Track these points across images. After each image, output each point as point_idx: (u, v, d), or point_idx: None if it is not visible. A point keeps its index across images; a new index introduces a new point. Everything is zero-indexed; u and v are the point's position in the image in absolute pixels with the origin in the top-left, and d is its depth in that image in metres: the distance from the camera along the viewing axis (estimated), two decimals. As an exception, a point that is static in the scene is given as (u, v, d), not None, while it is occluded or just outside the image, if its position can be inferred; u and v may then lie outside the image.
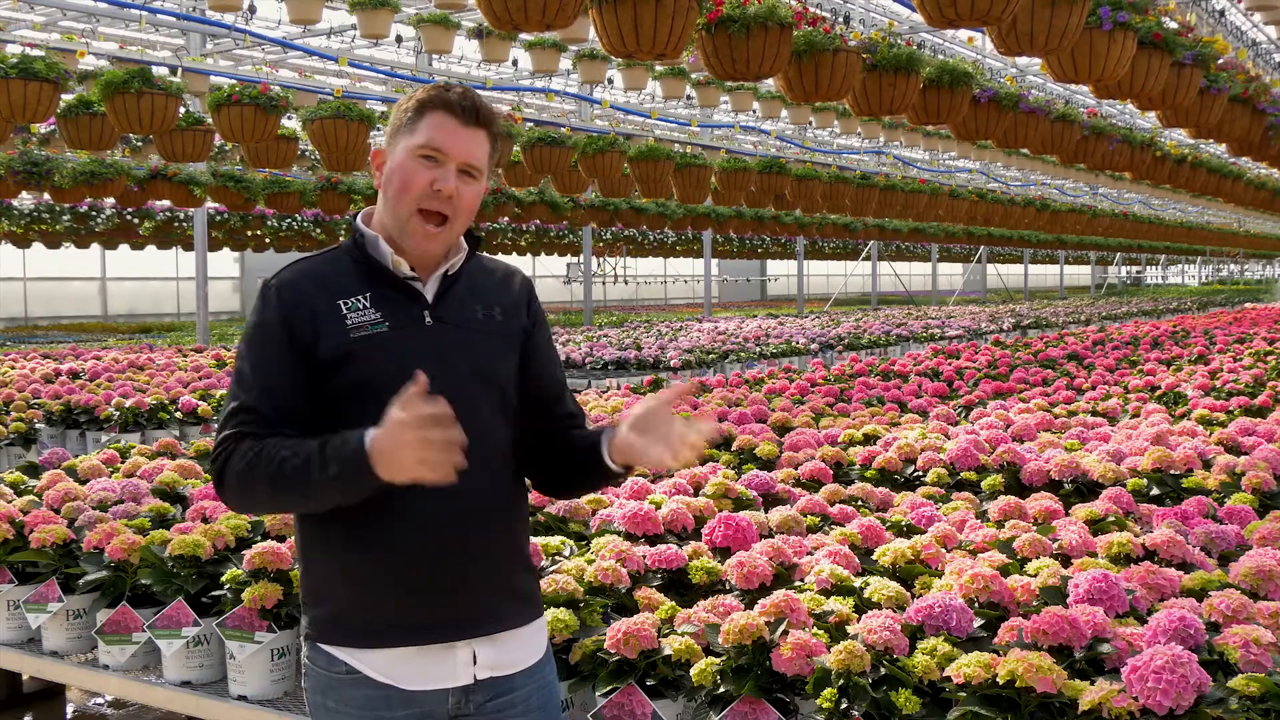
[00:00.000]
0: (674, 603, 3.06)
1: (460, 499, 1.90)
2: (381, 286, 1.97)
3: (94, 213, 17.70)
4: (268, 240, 20.63)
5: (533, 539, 3.49)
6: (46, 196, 14.31)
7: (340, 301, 1.94)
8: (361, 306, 1.94)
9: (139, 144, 12.07)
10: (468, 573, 1.94)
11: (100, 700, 4.75)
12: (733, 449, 5.39)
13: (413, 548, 1.90)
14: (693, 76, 10.12)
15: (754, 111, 11.71)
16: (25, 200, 17.42)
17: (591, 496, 4.03)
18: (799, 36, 5.59)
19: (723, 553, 3.44)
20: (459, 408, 1.85)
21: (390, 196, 1.95)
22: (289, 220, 19.86)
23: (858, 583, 3.09)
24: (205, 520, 3.97)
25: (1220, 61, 7.13)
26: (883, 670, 2.59)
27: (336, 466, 1.76)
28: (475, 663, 1.94)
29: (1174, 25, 6.25)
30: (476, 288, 2.05)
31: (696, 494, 4.16)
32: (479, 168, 1.97)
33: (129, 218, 17.70)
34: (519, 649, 2.02)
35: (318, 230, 20.53)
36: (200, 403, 8.02)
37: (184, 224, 18.52)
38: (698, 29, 5.28)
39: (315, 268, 2.00)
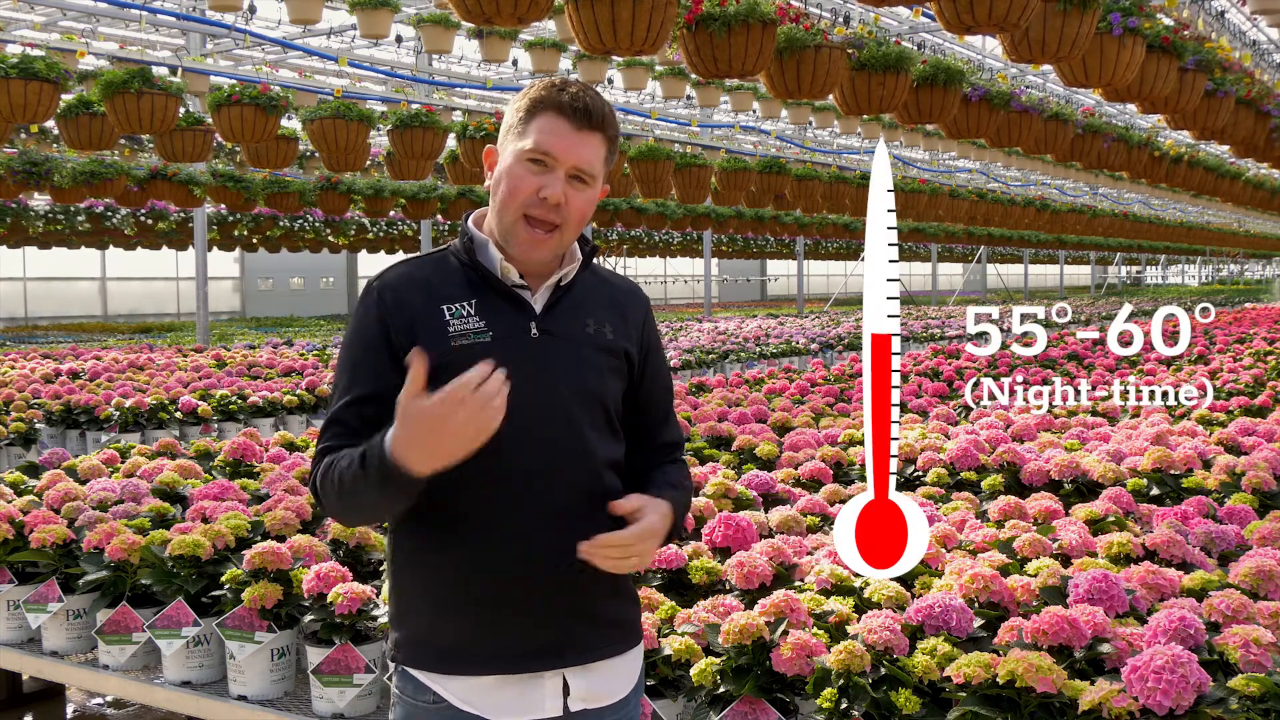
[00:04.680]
0: (674, 603, 3.06)
1: (554, 519, 1.81)
2: (488, 294, 1.86)
3: (109, 213, 17.70)
4: (256, 241, 20.60)
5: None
6: (46, 196, 14.32)
7: (444, 308, 1.84)
8: (465, 314, 1.84)
9: (151, 144, 12.07)
10: (557, 597, 1.82)
11: (100, 700, 4.75)
12: (733, 449, 5.39)
13: (500, 569, 1.80)
14: (692, 76, 10.12)
15: (754, 111, 11.71)
16: (36, 201, 17.44)
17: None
18: (780, 34, 5.54)
19: (723, 553, 3.44)
20: (559, 425, 1.84)
21: (497, 201, 1.86)
22: (299, 220, 19.86)
23: (858, 583, 3.09)
24: (205, 520, 3.96)
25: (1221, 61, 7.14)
26: (883, 670, 2.59)
27: (375, 471, 1.69)
28: (568, 693, 1.84)
29: (1170, 22, 6.26)
30: (589, 301, 1.93)
31: (697, 494, 4.16)
32: (591, 173, 1.85)
33: (142, 218, 17.70)
34: (613, 680, 1.91)
35: (327, 231, 20.54)
36: (200, 403, 8.02)
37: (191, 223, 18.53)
38: (678, 27, 5.20)
39: (420, 270, 1.89)
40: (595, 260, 1.99)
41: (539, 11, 4.78)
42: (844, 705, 2.51)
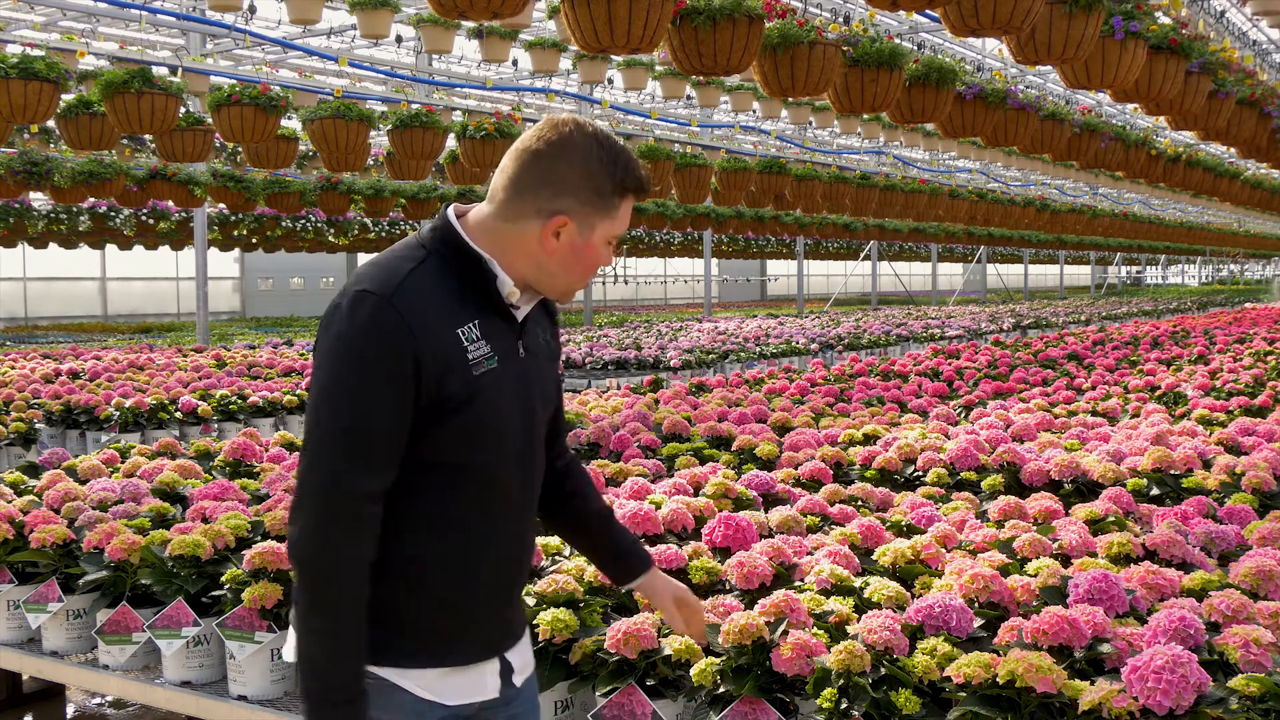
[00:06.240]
0: (674, 603, 3.06)
1: (524, 532, 1.97)
2: (486, 313, 1.84)
3: (111, 213, 17.71)
4: (256, 241, 20.60)
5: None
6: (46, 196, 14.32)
7: (459, 332, 1.79)
8: (475, 338, 1.80)
9: (152, 144, 12.07)
10: (516, 594, 2.00)
11: (100, 700, 4.75)
12: (733, 449, 5.39)
13: (479, 574, 1.88)
14: (690, 76, 10.11)
15: (754, 111, 11.71)
16: (39, 201, 17.46)
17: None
18: (773, 29, 5.49)
19: (723, 553, 3.44)
20: (536, 443, 1.96)
21: (572, 273, 1.87)
22: (300, 220, 19.86)
23: (858, 583, 3.09)
24: (205, 520, 3.97)
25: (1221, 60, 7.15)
26: (883, 670, 2.59)
27: (320, 715, 1.74)
28: (513, 670, 1.97)
29: (1168, 21, 6.27)
30: (536, 311, 1.97)
31: (696, 494, 4.16)
32: None
33: (143, 218, 17.71)
34: (529, 652, 2.06)
35: (328, 231, 20.54)
36: (200, 403, 8.02)
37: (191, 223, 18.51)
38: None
39: (423, 285, 1.79)
40: None
41: (513, 6, 4.75)
42: (844, 705, 2.51)
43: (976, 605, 2.92)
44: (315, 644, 1.75)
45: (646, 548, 2.33)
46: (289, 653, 1.94)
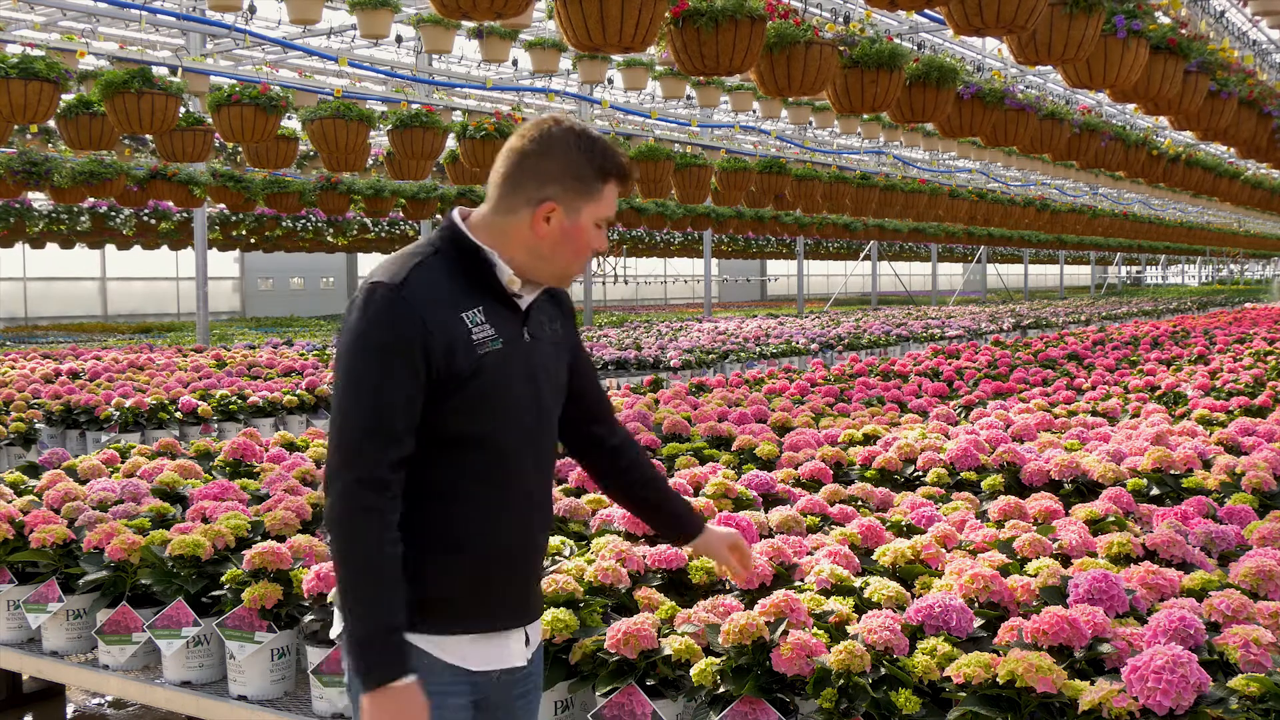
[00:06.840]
0: (674, 603, 3.06)
1: (537, 505, 2.11)
2: (490, 299, 2.01)
3: (111, 213, 17.69)
4: (256, 241, 20.57)
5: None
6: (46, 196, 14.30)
7: (463, 315, 1.96)
8: (479, 321, 1.97)
9: (154, 146, 12.06)
10: (535, 567, 2.15)
11: (100, 700, 4.75)
12: (733, 449, 5.39)
13: (499, 547, 2.03)
14: (690, 76, 10.10)
15: (754, 111, 11.70)
16: (39, 201, 17.45)
17: (591, 497, 4.05)
18: (770, 29, 5.46)
19: (723, 553, 3.43)
20: (547, 422, 2.12)
21: (563, 253, 2.02)
22: (300, 220, 19.84)
23: (858, 583, 3.09)
24: (205, 520, 3.97)
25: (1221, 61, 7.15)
26: (883, 670, 2.59)
27: (370, 655, 1.87)
28: (529, 642, 2.11)
29: (1167, 20, 6.27)
30: (544, 302, 2.12)
31: (696, 494, 4.16)
32: None
33: (144, 218, 17.69)
34: (539, 629, 2.20)
35: (328, 231, 20.52)
36: (200, 403, 8.02)
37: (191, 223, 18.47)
38: (666, 23, 5.11)
39: (431, 275, 1.97)
40: None
41: (516, 7, 4.74)
42: (844, 705, 2.51)
43: (976, 605, 2.92)
44: (352, 597, 1.91)
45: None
46: (334, 632, 2.09)
